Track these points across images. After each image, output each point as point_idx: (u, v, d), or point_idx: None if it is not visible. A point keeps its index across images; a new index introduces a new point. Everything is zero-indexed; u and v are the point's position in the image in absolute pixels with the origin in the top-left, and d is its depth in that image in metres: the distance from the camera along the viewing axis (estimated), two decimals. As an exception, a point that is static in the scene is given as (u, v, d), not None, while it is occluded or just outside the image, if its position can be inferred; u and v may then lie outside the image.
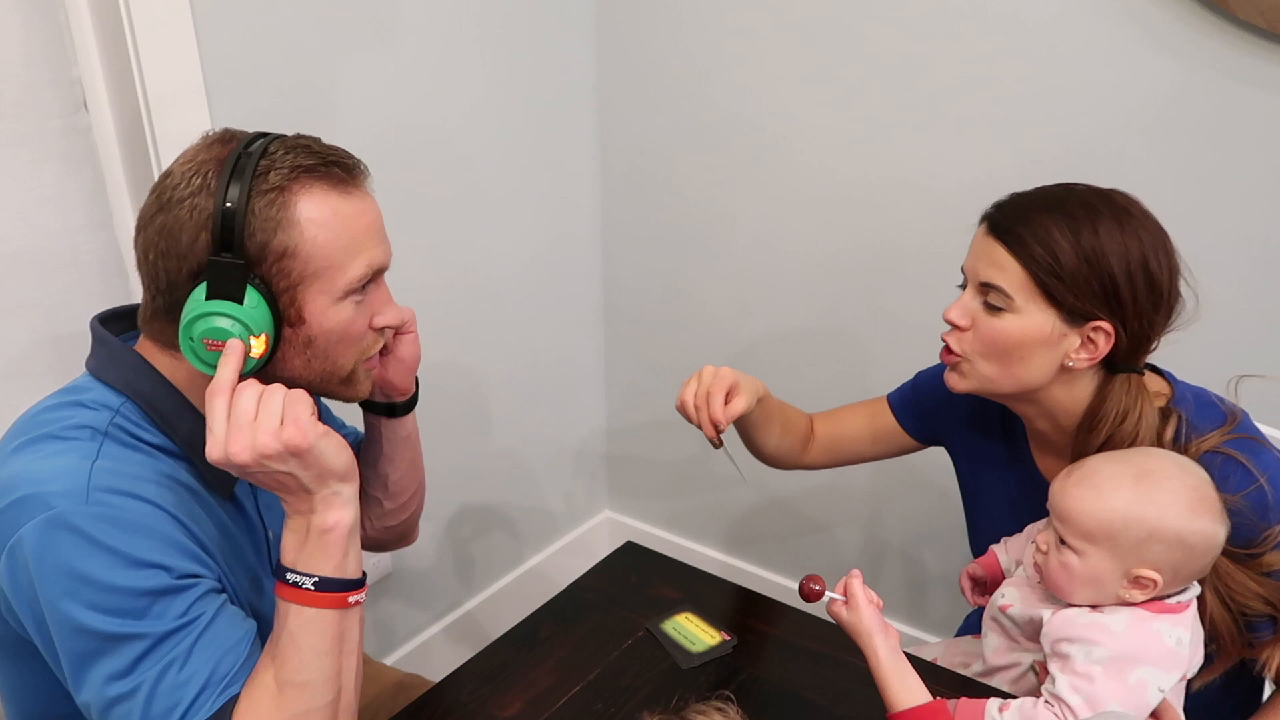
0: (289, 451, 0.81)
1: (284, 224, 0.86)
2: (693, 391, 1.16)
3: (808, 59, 1.73)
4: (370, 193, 0.94)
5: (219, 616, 0.86)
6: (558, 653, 1.15)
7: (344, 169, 0.90)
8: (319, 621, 0.85)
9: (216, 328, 0.84)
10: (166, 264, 0.87)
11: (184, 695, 0.81)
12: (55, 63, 1.23)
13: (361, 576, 0.89)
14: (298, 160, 0.87)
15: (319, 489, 0.85)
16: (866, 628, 0.94)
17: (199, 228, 0.85)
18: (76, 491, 0.81)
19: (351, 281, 0.90)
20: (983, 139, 1.60)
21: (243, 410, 0.81)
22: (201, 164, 0.87)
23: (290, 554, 0.86)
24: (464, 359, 1.91)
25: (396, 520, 1.23)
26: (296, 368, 0.92)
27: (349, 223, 0.90)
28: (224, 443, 0.81)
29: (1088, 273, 1.01)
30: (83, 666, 0.81)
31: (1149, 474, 0.96)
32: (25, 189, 1.23)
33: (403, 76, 1.61)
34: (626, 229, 2.11)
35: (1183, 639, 0.95)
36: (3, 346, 1.26)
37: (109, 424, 0.88)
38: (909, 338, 1.75)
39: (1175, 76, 1.41)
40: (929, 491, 1.86)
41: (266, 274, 0.87)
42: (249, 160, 0.86)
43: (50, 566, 0.79)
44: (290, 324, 0.89)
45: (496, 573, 2.18)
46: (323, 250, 0.88)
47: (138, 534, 0.82)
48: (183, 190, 0.86)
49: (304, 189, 0.87)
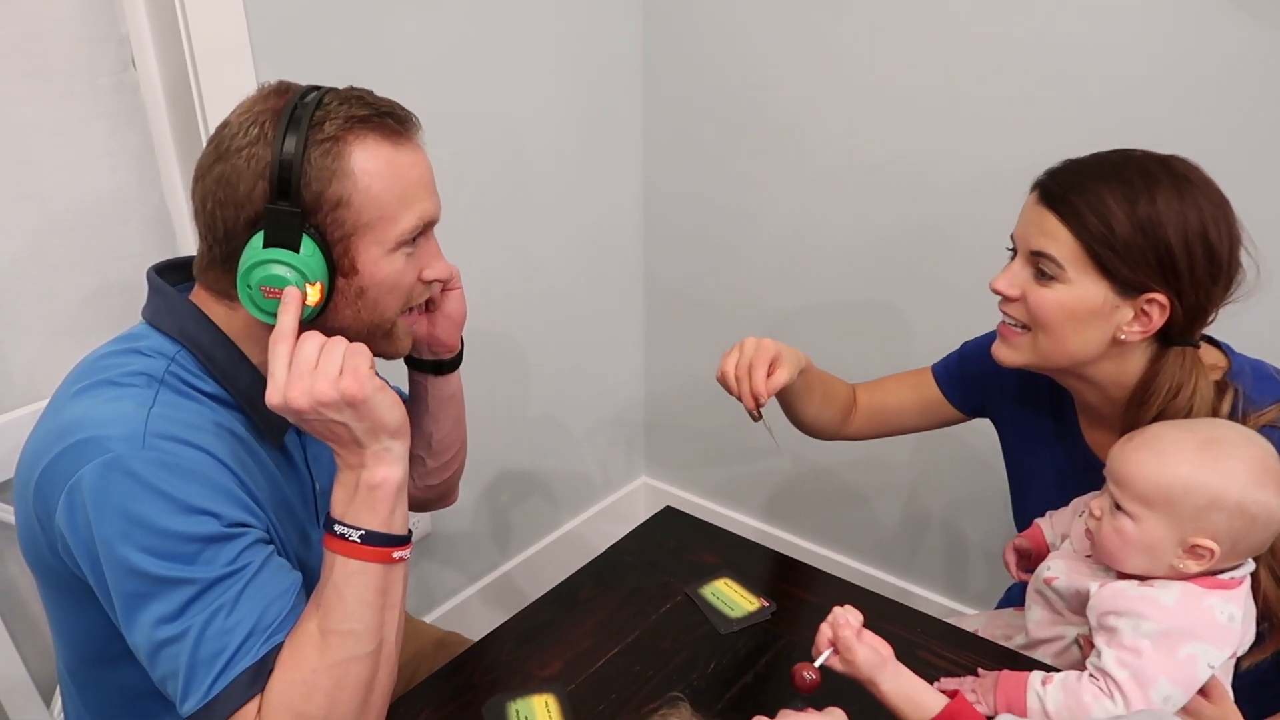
0: (345, 401, 0.83)
1: (339, 174, 0.87)
2: (734, 363, 1.15)
3: (856, 25, 1.70)
4: (422, 145, 0.94)
5: (266, 566, 0.87)
6: (597, 615, 1.16)
7: (397, 120, 0.91)
8: (364, 574, 0.86)
9: (274, 275, 0.86)
10: (224, 213, 0.88)
11: (230, 641, 0.83)
12: (105, 19, 1.24)
13: (407, 534, 0.90)
14: (352, 111, 0.88)
15: (371, 443, 0.86)
16: (866, 673, 0.91)
17: (256, 176, 0.86)
18: (134, 436, 0.83)
19: (404, 233, 0.91)
20: (1036, 104, 1.56)
21: (304, 358, 0.83)
22: (259, 114, 0.88)
23: (339, 507, 0.88)
24: (505, 325, 1.91)
25: (439, 479, 1.24)
26: (347, 318, 0.93)
27: (402, 174, 0.90)
28: (283, 388, 0.83)
29: (1143, 243, 0.98)
30: (134, 608, 0.83)
31: (1214, 442, 0.93)
32: (77, 146, 1.24)
33: (448, 39, 1.60)
34: (669, 198, 2.09)
35: (1235, 615, 0.93)
36: (54, 302, 1.28)
37: (165, 371, 0.90)
38: (952, 307, 1.73)
39: (1238, 35, 1.36)
40: (970, 463, 1.84)
41: (321, 223, 0.88)
42: (305, 110, 0.87)
43: (107, 508, 0.81)
44: (343, 274, 0.91)
45: (533, 536, 2.20)
46: (376, 200, 0.89)
47: (191, 480, 0.84)
48: (240, 140, 0.87)
49: (358, 139, 0.88)
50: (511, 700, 1.02)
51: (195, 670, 0.82)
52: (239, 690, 0.83)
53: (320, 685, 0.84)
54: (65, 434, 0.84)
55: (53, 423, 0.87)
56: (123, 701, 0.98)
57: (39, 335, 1.27)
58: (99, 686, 0.98)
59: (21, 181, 1.21)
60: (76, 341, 1.30)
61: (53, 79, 1.21)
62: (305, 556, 1.01)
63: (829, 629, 0.92)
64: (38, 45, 1.18)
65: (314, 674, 0.84)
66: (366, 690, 0.87)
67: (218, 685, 0.82)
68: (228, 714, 0.82)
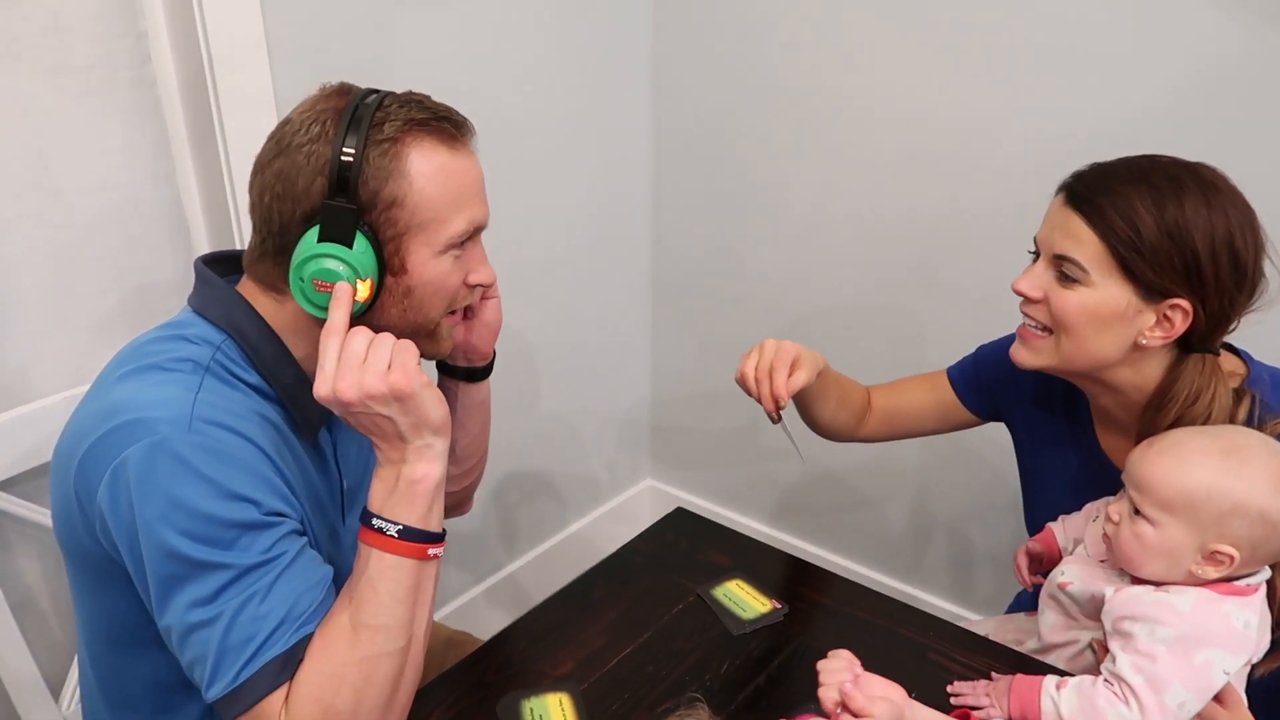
0: (393, 395, 0.84)
1: (395, 174, 0.89)
2: (754, 364, 1.15)
3: (865, 23, 1.70)
4: (475, 151, 0.96)
5: (300, 556, 0.88)
6: (609, 614, 1.16)
7: (454, 124, 0.93)
8: (398, 569, 0.87)
9: (326, 269, 0.87)
10: (281, 206, 0.90)
11: (261, 628, 0.83)
12: (123, 15, 1.24)
13: (442, 532, 0.91)
14: (411, 114, 0.90)
15: (414, 438, 0.87)
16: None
17: (315, 173, 0.88)
18: (180, 419, 0.84)
19: (453, 236, 0.93)
20: (1048, 108, 1.56)
21: (354, 351, 0.85)
22: (320, 113, 0.90)
23: (378, 501, 0.89)
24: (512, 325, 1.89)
25: (458, 487, 1.25)
26: (393, 316, 0.94)
27: (455, 178, 0.92)
28: (332, 380, 0.84)
29: (1170, 248, 0.98)
30: (169, 590, 0.83)
31: (1237, 449, 0.93)
32: (95, 140, 1.25)
33: (460, 36, 1.61)
34: (678, 196, 2.09)
35: (1250, 622, 0.93)
36: (70, 296, 1.28)
37: (210, 359, 0.91)
38: (965, 310, 1.73)
39: (1269, 39, 1.36)
40: (978, 468, 1.84)
41: (375, 221, 0.90)
42: (365, 111, 0.89)
43: (150, 488, 0.82)
44: (393, 273, 0.92)
45: (539, 537, 2.20)
46: (429, 203, 0.91)
47: (233, 466, 0.85)
48: (301, 137, 0.89)
49: (416, 142, 0.90)
50: (526, 699, 1.02)
51: (225, 655, 0.82)
52: (267, 678, 0.83)
53: (349, 679, 0.84)
54: (112, 415, 0.85)
55: (98, 404, 0.88)
56: (143, 692, 0.98)
57: (54, 329, 1.27)
58: (120, 675, 0.98)
59: (38, 175, 1.21)
60: (91, 335, 1.30)
61: (71, 74, 1.21)
62: (334, 553, 1.01)
63: (834, 694, 0.86)
64: (57, 40, 1.19)
65: (343, 667, 0.84)
66: (393, 687, 0.87)
67: (246, 671, 0.82)
68: (254, 701, 0.83)
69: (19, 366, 1.25)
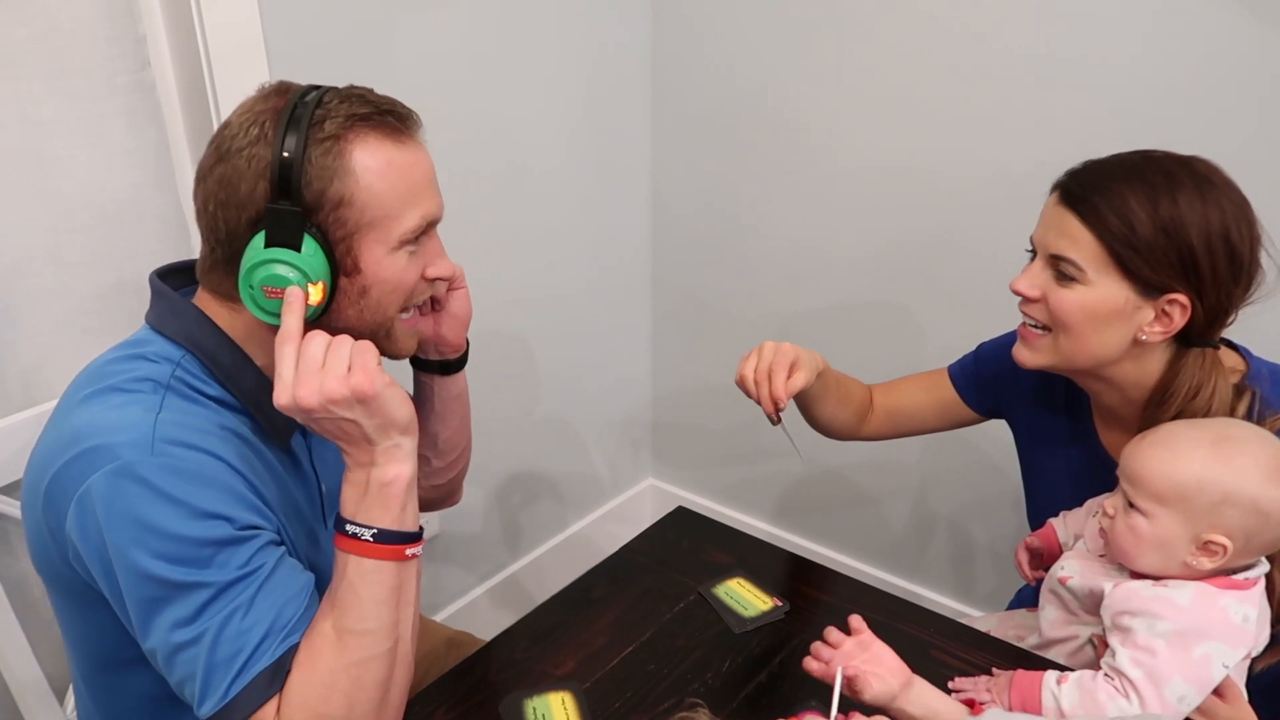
0: (356, 397, 0.82)
1: (340, 172, 0.87)
2: (753, 366, 1.15)
3: (864, 19, 1.71)
4: (423, 143, 0.94)
5: (279, 567, 0.87)
6: (610, 613, 1.16)
7: (398, 118, 0.91)
8: (378, 573, 0.86)
9: (276, 275, 0.86)
10: (226, 213, 0.88)
11: (247, 642, 0.82)
12: (121, 19, 1.24)
13: (419, 530, 0.90)
14: (352, 109, 0.88)
15: (381, 440, 0.86)
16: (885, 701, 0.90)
17: (257, 176, 0.86)
18: (142, 443, 0.83)
19: (406, 231, 0.91)
20: (1046, 109, 1.56)
21: (311, 356, 0.83)
22: (259, 114, 0.88)
23: (350, 506, 0.87)
24: (514, 327, 1.92)
25: (444, 479, 1.25)
26: (350, 318, 0.92)
27: (403, 172, 0.90)
28: (292, 387, 0.82)
29: (1165, 244, 0.98)
30: (149, 613, 0.82)
31: (1228, 439, 0.94)
32: (93, 145, 1.25)
33: (460, 41, 1.61)
34: (676, 196, 2.10)
35: (1249, 615, 0.94)
36: (69, 299, 1.28)
37: (170, 377, 0.89)
38: (963, 310, 1.73)
39: (1255, 35, 1.36)
40: (977, 466, 1.85)
41: (323, 223, 0.88)
42: (305, 110, 0.86)
43: (118, 515, 0.81)
44: (346, 273, 0.90)
45: (540, 537, 2.20)
46: (378, 200, 0.89)
47: (201, 485, 0.84)
48: (240, 140, 0.87)
49: (359, 138, 0.88)
50: (528, 698, 1.02)
51: (213, 672, 0.82)
52: (257, 691, 0.83)
53: (339, 685, 0.84)
54: (73, 442, 0.84)
55: (59, 430, 0.87)
56: (139, 707, 0.97)
57: (54, 332, 1.27)
58: (114, 693, 0.98)
59: (38, 179, 1.21)
60: (92, 339, 1.30)
61: (70, 78, 1.21)
62: (314, 558, 1.00)
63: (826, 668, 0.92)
64: (56, 44, 1.19)
65: (332, 674, 0.84)
66: (384, 689, 0.87)
67: (235, 686, 0.82)
68: (246, 715, 0.82)
69: (23, 370, 1.26)
